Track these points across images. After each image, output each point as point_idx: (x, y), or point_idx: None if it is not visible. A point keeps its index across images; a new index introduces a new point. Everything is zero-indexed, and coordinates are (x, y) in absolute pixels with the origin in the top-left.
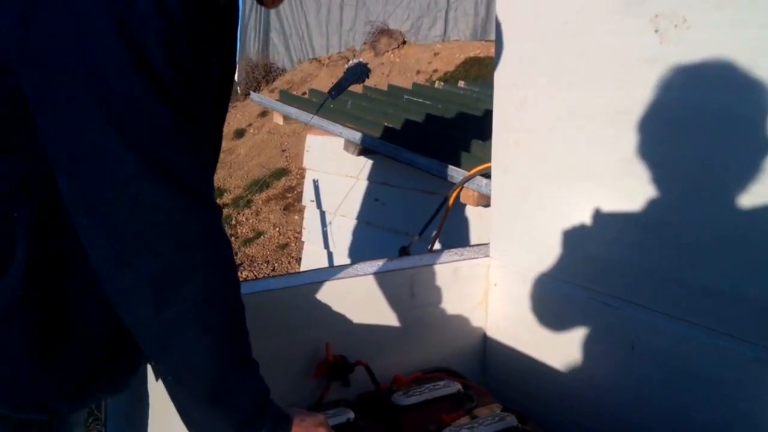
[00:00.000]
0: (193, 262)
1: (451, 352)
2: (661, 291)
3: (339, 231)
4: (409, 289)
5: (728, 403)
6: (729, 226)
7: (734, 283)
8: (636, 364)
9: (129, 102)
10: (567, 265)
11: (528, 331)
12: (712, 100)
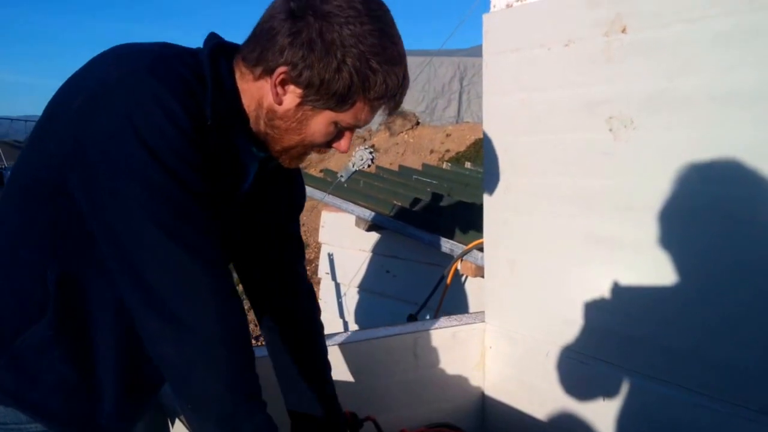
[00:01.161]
0: (210, 306)
1: (452, 408)
2: (624, 350)
3: (353, 301)
4: (412, 351)
5: None
6: (674, 295)
7: (682, 344)
8: (607, 413)
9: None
10: (549, 328)
11: (520, 387)
12: (657, 188)
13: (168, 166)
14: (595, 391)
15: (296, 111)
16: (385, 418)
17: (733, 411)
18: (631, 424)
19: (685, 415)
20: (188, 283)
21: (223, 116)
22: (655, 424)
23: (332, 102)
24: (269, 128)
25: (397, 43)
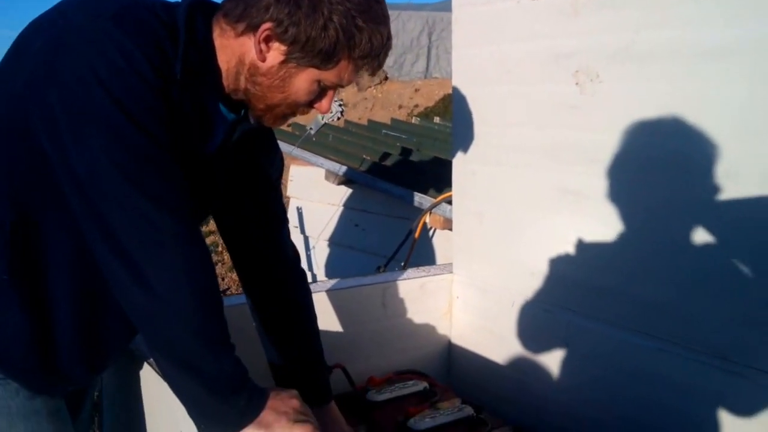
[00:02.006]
0: (176, 256)
1: (419, 356)
2: (587, 298)
3: (321, 254)
4: (381, 301)
5: (641, 388)
6: (639, 246)
7: (642, 290)
8: (570, 360)
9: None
10: (515, 278)
11: (486, 336)
12: (622, 141)
13: (131, 113)
14: (560, 339)
15: (280, 68)
16: (354, 365)
17: (696, 358)
18: (596, 371)
19: (649, 362)
20: (153, 232)
21: (195, 72)
22: (620, 372)
23: (317, 60)
24: (251, 85)
25: (382, 3)
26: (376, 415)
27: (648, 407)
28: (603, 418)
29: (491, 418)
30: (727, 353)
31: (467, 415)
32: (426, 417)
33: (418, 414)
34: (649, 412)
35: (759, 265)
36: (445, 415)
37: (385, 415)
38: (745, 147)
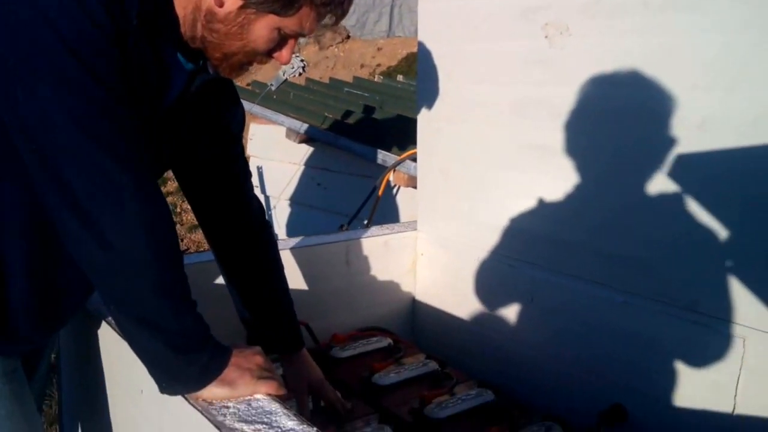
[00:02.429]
0: (132, 208)
1: (384, 313)
2: (551, 252)
3: (283, 214)
4: (345, 259)
5: (606, 341)
6: (603, 200)
7: (606, 242)
8: (535, 314)
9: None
10: (480, 234)
11: (450, 292)
12: (590, 95)
13: (83, 59)
14: (525, 294)
15: (238, 14)
16: (318, 323)
17: (661, 308)
18: (560, 325)
19: (614, 316)
20: (108, 183)
21: (151, 19)
22: (585, 325)
23: (277, 5)
24: (208, 32)
25: None
26: (340, 372)
27: (613, 360)
28: (568, 372)
29: (456, 373)
30: (694, 305)
31: (432, 369)
32: (390, 372)
33: (382, 370)
34: (614, 365)
35: (726, 216)
36: (409, 370)
37: (349, 371)
38: (716, 99)
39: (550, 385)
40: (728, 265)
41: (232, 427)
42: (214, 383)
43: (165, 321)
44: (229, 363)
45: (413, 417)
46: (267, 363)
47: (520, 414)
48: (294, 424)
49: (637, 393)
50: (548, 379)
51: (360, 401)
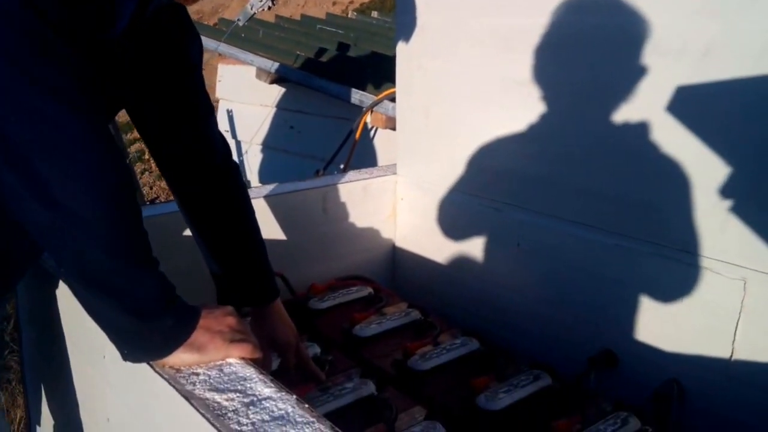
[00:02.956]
0: (79, 159)
1: (363, 261)
2: (539, 193)
3: (255, 160)
4: (321, 206)
5: (596, 285)
6: (592, 137)
7: (596, 183)
8: (521, 259)
9: None
10: (463, 177)
11: (432, 238)
12: (583, 24)
13: None
14: (511, 238)
15: None
16: (295, 273)
17: (655, 251)
18: (548, 269)
19: (603, 257)
20: (49, 130)
21: None
22: (574, 269)
23: None
24: None
25: None
26: (319, 323)
27: (603, 305)
28: (556, 318)
29: (439, 321)
30: (690, 246)
31: (414, 319)
32: (372, 323)
33: (363, 320)
34: (604, 310)
35: (727, 153)
36: (391, 320)
37: (328, 322)
38: (695, 24)
39: (538, 332)
40: (728, 204)
41: (202, 396)
42: (181, 349)
43: (121, 284)
44: (198, 326)
45: (396, 369)
46: (240, 324)
47: (507, 362)
48: (271, 392)
49: (628, 338)
50: (535, 326)
51: (340, 354)
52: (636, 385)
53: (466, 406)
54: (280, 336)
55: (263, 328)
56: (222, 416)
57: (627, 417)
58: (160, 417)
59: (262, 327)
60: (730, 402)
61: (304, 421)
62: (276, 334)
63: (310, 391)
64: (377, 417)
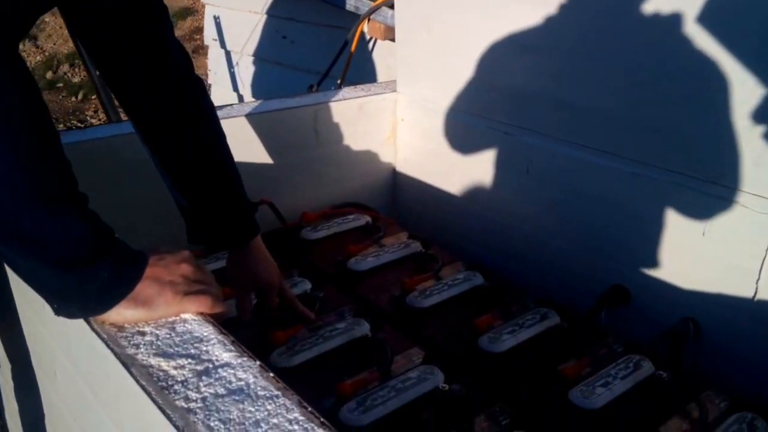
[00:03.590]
0: None
1: (360, 187)
2: (552, 115)
3: (247, 72)
4: (313, 126)
5: (611, 214)
6: (615, 53)
7: (617, 106)
8: (531, 186)
9: None
10: (469, 96)
11: (435, 163)
12: None
13: None
14: (519, 163)
15: None
16: (284, 201)
17: (678, 181)
18: (559, 198)
19: (620, 186)
20: None
21: None
22: (588, 198)
23: None
24: None
25: None
26: (311, 256)
27: (617, 238)
28: (566, 251)
29: (441, 254)
30: (718, 177)
31: (415, 251)
32: (369, 255)
33: (359, 252)
34: (618, 244)
35: (759, 74)
36: (389, 252)
37: (321, 255)
38: None
39: (546, 267)
40: (763, 130)
41: (146, 362)
42: (122, 303)
43: (37, 230)
44: (143, 276)
45: (394, 307)
46: (198, 272)
47: (512, 299)
48: (231, 357)
49: (642, 274)
50: (544, 260)
51: (333, 290)
52: (649, 324)
53: (468, 347)
54: (261, 277)
55: (242, 268)
56: (167, 389)
57: (639, 360)
58: (100, 380)
59: (240, 268)
60: (751, 342)
61: (266, 396)
62: (257, 275)
63: (298, 332)
64: (371, 360)
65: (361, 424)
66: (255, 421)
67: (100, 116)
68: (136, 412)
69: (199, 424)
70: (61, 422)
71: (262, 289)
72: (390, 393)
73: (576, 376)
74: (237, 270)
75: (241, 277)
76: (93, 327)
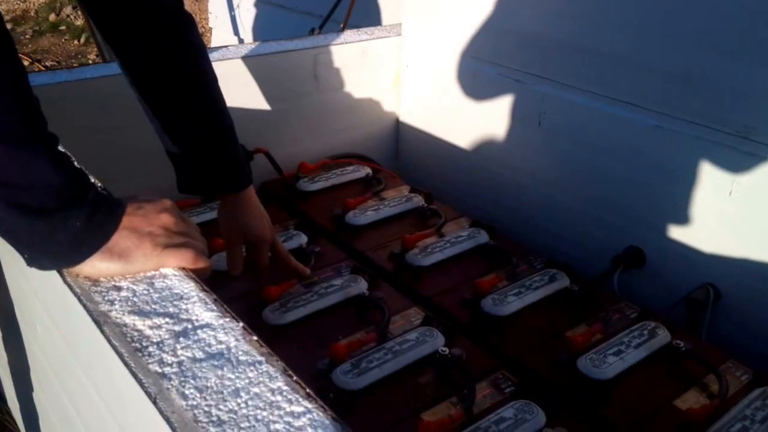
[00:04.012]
0: None
1: (361, 138)
2: (567, 62)
3: (248, 15)
4: (312, 71)
5: (630, 171)
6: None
7: (639, 51)
8: (542, 139)
9: None
10: (479, 41)
11: (441, 113)
12: None
13: None
14: (531, 114)
15: None
16: (281, 150)
17: (705, 135)
18: (573, 152)
19: (641, 140)
20: None
21: None
22: (604, 151)
23: None
24: None
25: None
26: (308, 208)
27: (634, 196)
28: (578, 209)
29: (445, 209)
30: (749, 131)
31: (417, 206)
32: (368, 209)
33: (358, 206)
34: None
35: None
36: (390, 206)
37: (318, 207)
38: None
39: (556, 226)
40: None
41: (119, 321)
42: (96, 255)
43: (1, 173)
44: (120, 226)
45: (393, 264)
46: (180, 223)
47: (519, 260)
48: (212, 317)
49: (660, 236)
50: (554, 219)
51: (330, 245)
52: (665, 289)
53: (470, 309)
54: (252, 229)
55: (232, 219)
56: (141, 351)
57: (655, 328)
58: (75, 338)
59: (230, 218)
60: None
61: (248, 361)
62: (248, 227)
63: (291, 288)
64: (367, 320)
65: (356, 387)
66: (234, 390)
67: None
68: (108, 374)
69: (173, 392)
70: (45, 377)
71: (254, 243)
72: (387, 355)
73: (586, 343)
74: (227, 221)
75: (231, 229)
76: (66, 280)
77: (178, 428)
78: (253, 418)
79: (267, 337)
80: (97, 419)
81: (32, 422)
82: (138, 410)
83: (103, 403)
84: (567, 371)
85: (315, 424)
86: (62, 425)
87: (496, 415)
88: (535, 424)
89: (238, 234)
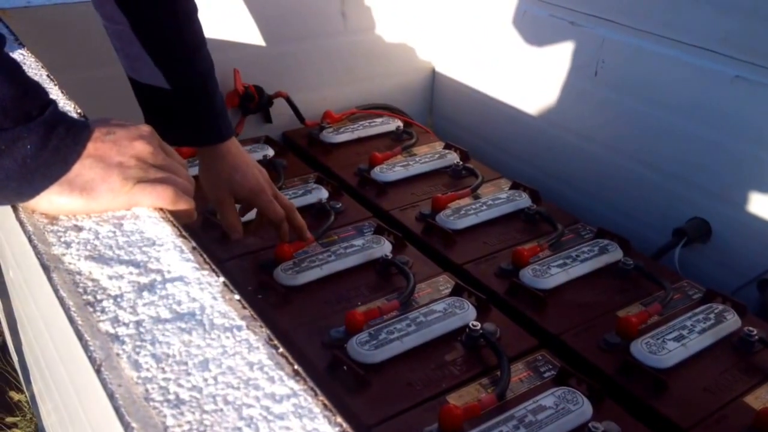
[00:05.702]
0: None
1: (392, 87)
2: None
3: None
4: (339, 9)
5: (702, 131)
6: None
7: None
8: (599, 93)
9: None
10: None
11: (482, 61)
12: None
13: None
14: (588, 62)
15: None
16: (303, 96)
17: None
18: (634, 107)
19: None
20: None
21: None
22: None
23: None
24: None
25: None
26: (330, 161)
27: (706, 160)
28: (636, 174)
29: (483, 169)
30: None
31: (451, 164)
32: (396, 165)
33: (386, 161)
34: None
35: None
36: (421, 163)
37: (342, 161)
38: None
39: (611, 192)
40: None
41: (73, 267)
42: (54, 187)
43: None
44: (83, 153)
45: (422, 226)
46: (158, 155)
47: (565, 227)
48: (188, 268)
49: (728, 207)
50: (607, 183)
51: (353, 201)
52: (733, 268)
53: (507, 280)
54: (237, 184)
55: (213, 175)
56: (92, 305)
57: (722, 312)
58: (34, 286)
59: (212, 174)
60: None
61: (225, 326)
62: (232, 181)
63: (307, 246)
64: (389, 286)
65: (373, 360)
66: (202, 361)
67: None
68: (59, 331)
69: (123, 359)
70: (24, 328)
71: (245, 198)
72: (409, 327)
73: (641, 325)
74: (208, 178)
75: (214, 186)
76: (19, 216)
77: (123, 406)
78: (221, 400)
79: (277, 298)
80: (59, 379)
81: (26, 376)
82: (82, 378)
83: (62, 362)
84: (618, 356)
85: (301, 412)
86: (42, 381)
87: (533, 402)
88: (580, 416)
89: (225, 191)
